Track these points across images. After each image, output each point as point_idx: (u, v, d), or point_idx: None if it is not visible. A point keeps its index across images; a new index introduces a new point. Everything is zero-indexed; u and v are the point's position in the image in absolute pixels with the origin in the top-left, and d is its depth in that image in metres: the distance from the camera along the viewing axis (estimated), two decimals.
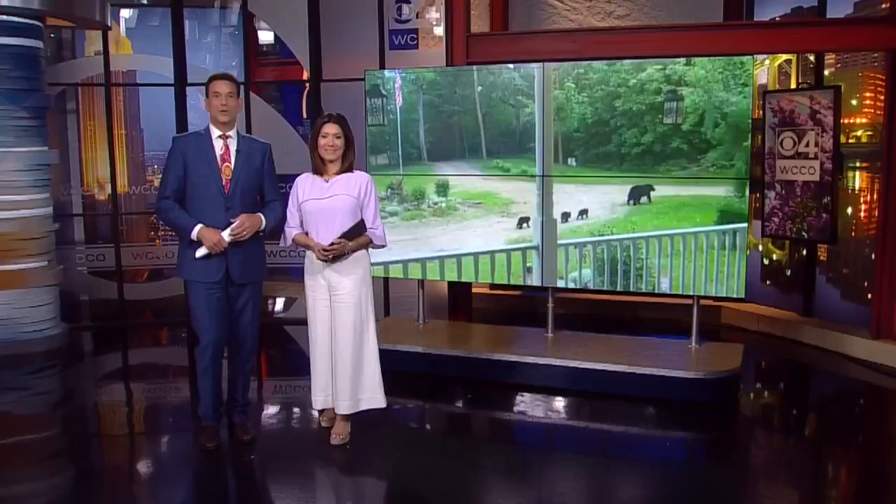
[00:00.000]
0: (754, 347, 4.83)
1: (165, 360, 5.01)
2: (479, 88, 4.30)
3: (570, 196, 4.17)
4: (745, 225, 3.89)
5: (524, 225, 4.29)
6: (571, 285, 4.27)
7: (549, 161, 4.18)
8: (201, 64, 5.92)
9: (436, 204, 4.44)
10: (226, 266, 3.13)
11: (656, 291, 4.12)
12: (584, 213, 4.15)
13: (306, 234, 3.17)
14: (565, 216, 4.18)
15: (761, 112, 4.98)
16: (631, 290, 4.15)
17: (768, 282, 5.47)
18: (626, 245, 4.12)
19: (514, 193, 4.28)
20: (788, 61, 5.33)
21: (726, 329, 5.30)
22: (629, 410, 3.73)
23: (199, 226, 3.07)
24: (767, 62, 5.45)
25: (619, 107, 4.03)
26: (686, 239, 4.00)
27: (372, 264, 3.33)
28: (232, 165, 3.13)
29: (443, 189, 4.42)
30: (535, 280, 4.33)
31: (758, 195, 5.06)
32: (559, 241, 4.23)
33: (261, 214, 3.17)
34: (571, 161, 4.15)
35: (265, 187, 3.24)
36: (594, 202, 4.14)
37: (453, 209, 4.41)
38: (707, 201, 3.93)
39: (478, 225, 4.37)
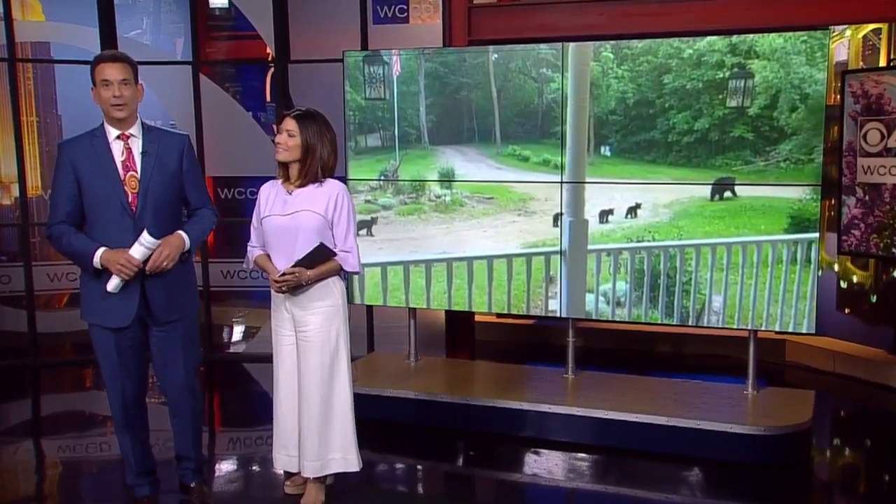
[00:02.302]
0: (829, 393, 5.01)
1: (90, 408, 5.13)
2: (495, 57, 4.48)
3: (601, 192, 4.33)
4: (816, 235, 4.00)
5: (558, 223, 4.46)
6: (601, 301, 4.40)
7: (581, 150, 4.33)
8: (135, 33, 6.10)
9: (438, 198, 4.63)
10: (142, 302, 3.11)
11: (704, 311, 4.22)
12: (634, 210, 4.27)
13: (268, 255, 3.34)
14: (604, 215, 4.33)
15: (839, 97, 5.12)
16: (674, 307, 4.27)
17: (847, 310, 5.65)
18: (671, 253, 4.25)
19: (533, 188, 4.45)
20: (877, 31, 5.48)
21: (792, 369, 5.47)
22: (669, 473, 3.88)
23: (101, 249, 3.02)
24: (848, 34, 5.62)
25: (669, 83, 4.15)
26: (747, 249, 4.11)
27: (365, 265, 3.42)
28: (138, 174, 3.09)
29: (447, 180, 4.62)
30: (560, 300, 4.47)
31: (833, 202, 5.23)
32: (590, 247, 4.39)
33: (182, 233, 3.15)
34: (605, 150, 4.30)
35: (188, 193, 3.22)
36: (632, 201, 4.29)
37: (459, 204, 4.61)
38: (774, 204, 4.03)
39: (488, 224, 4.57)
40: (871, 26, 5.44)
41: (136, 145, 3.13)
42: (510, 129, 4.49)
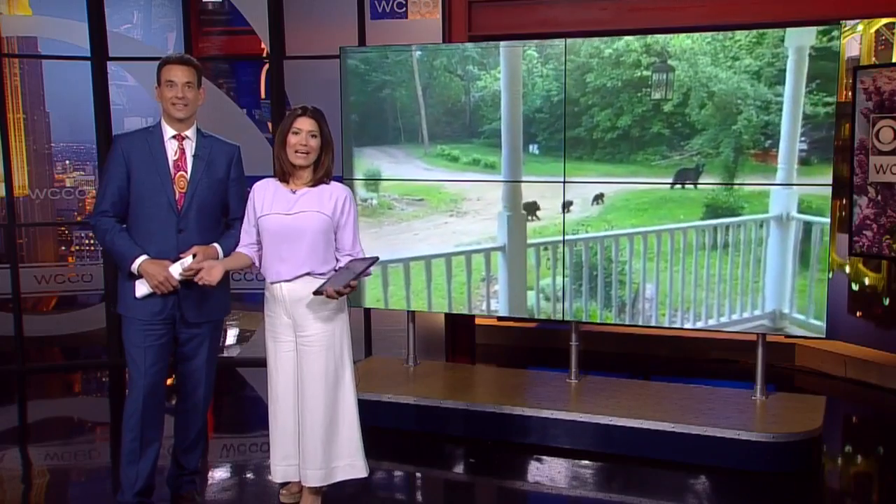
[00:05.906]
0: (841, 399, 5.06)
1: (78, 415, 5.20)
2: (418, 54, 4.59)
3: (532, 188, 4.48)
4: (828, 220, 4.07)
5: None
6: (541, 297, 4.53)
7: (515, 148, 4.49)
8: (125, 27, 6.12)
9: (364, 201, 4.72)
10: (176, 302, 3.25)
11: (640, 300, 4.39)
12: (599, 198, 4.43)
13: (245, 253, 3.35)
14: (567, 206, 4.47)
15: (850, 94, 5.16)
16: (612, 302, 4.45)
17: (859, 313, 5.69)
18: (607, 244, 4.43)
19: (465, 187, 4.57)
20: (890, 26, 5.51)
21: (802, 374, 5.53)
22: (675, 481, 3.93)
23: (142, 257, 3.17)
24: (860, 28, 5.66)
25: (591, 82, 4.32)
26: (687, 235, 4.30)
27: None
28: (188, 175, 3.25)
29: (372, 183, 4.71)
30: (500, 301, 4.60)
31: (843, 201, 5.28)
32: (529, 241, 4.53)
33: (217, 245, 3.30)
34: (533, 148, 4.47)
35: (231, 202, 3.38)
36: (564, 196, 4.46)
37: (387, 207, 4.69)
38: (690, 196, 4.25)
39: (419, 227, 4.66)
40: (884, 21, 5.47)
41: (190, 147, 3.31)
42: (437, 129, 4.60)
